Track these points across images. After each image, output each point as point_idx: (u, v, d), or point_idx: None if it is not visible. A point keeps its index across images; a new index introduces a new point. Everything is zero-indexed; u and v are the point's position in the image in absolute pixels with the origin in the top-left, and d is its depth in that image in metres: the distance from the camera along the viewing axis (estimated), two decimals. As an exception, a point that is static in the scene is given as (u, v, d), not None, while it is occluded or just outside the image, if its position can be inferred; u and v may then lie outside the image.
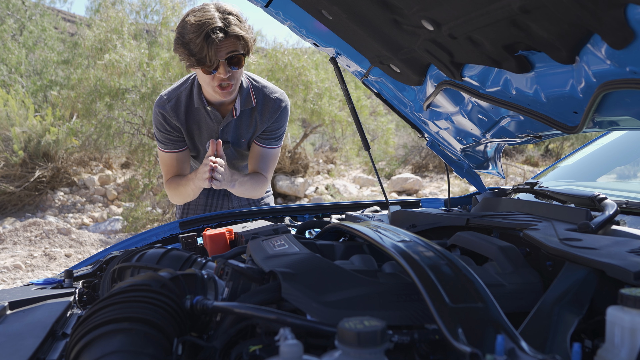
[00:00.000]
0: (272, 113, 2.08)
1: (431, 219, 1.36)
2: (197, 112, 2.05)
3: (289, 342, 0.58)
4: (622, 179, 2.15)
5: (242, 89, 2.03)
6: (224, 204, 2.33)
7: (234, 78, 1.88)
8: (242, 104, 2.04)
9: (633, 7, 0.76)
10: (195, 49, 1.78)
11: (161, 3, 9.27)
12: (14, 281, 4.73)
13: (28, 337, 0.85)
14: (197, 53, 1.78)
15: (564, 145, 12.40)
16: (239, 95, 2.03)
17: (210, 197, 2.33)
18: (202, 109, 2.04)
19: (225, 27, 1.77)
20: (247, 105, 2.05)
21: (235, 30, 1.79)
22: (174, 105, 2.04)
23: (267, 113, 2.08)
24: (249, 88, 2.05)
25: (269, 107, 2.07)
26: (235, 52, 1.82)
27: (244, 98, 2.04)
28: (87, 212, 8.16)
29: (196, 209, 2.32)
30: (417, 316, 0.78)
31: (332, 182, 9.79)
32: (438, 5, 1.04)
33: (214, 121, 2.06)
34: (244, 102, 2.04)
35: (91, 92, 7.80)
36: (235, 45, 1.81)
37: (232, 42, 1.80)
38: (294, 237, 1.16)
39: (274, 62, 8.49)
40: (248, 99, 2.05)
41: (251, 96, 2.05)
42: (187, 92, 2.05)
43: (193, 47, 1.78)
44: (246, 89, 2.05)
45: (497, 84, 1.23)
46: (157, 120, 2.07)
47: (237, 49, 1.82)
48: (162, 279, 0.82)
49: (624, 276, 0.77)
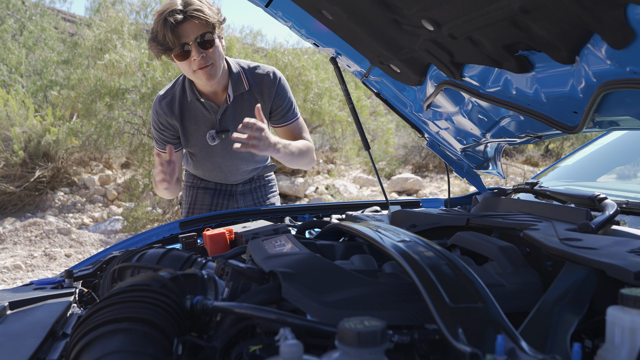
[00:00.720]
0: (269, 89, 2.08)
1: (431, 219, 1.36)
2: (192, 105, 2.07)
3: (289, 342, 0.58)
4: (622, 179, 2.15)
5: (232, 74, 2.04)
6: (229, 204, 2.34)
7: (210, 58, 1.89)
8: (234, 89, 2.04)
9: (633, 7, 0.76)
10: (162, 39, 1.82)
11: (161, 2, 9.27)
12: (14, 281, 4.73)
13: (28, 337, 0.85)
14: (161, 41, 1.82)
15: (564, 145, 12.40)
16: (230, 81, 2.04)
17: (216, 197, 2.34)
18: (196, 102, 2.05)
19: (184, 7, 1.80)
20: (239, 90, 2.05)
21: (195, 9, 1.80)
22: (168, 101, 2.07)
23: (266, 90, 2.08)
24: (239, 73, 2.06)
25: (266, 85, 2.08)
26: (204, 32, 1.83)
27: (235, 82, 2.05)
28: (87, 212, 8.16)
29: (201, 208, 2.33)
30: (417, 316, 0.78)
31: (332, 182, 9.78)
32: (438, 6, 1.04)
33: (211, 112, 2.07)
34: (236, 86, 2.05)
35: (91, 92, 7.79)
36: (202, 27, 1.83)
37: (197, 24, 1.82)
38: (294, 237, 1.16)
39: (274, 62, 8.50)
40: (239, 83, 2.05)
41: (242, 80, 2.06)
42: (180, 88, 2.08)
43: (160, 37, 1.82)
44: (237, 74, 2.05)
45: (497, 84, 1.23)
46: (152, 118, 2.12)
47: (203, 29, 1.83)
48: (162, 279, 0.82)
49: (624, 276, 0.77)
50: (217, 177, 2.28)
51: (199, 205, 2.34)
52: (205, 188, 2.35)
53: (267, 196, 2.42)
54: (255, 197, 2.38)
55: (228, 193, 2.34)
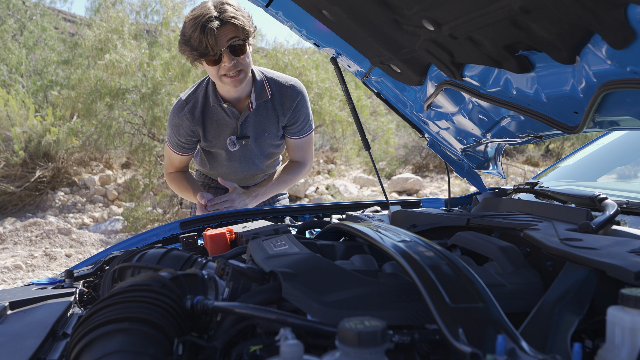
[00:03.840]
0: (291, 101, 2.10)
1: (432, 219, 1.36)
2: (214, 111, 2.08)
3: (289, 342, 0.58)
4: (623, 179, 2.14)
5: (255, 82, 2.06)
6: None
7: (240, 64, 1.90)
8: (257, 97, 2.06)
9: (633, 7, 0.76)
10: (196, 43, 1.82)
11: (161, 3, 9.28)
12: (14, 281, 4.73)
13: (28, 337, 0.85)
14: (197, 46, 1.82)
15: (564, 145, 12.39)
16: (254, 88, 2.05)
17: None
18: (218, 107, 2.06)
19: (219, 14, 1.81)
20: (262, 98, 2.07)
21: (231, 16, 1.82)
22: (191, 107, 2.08)
23: (287, 102, 2.10)
24: (262, 81, 2.08)
25: (287, 96, 2.10)
26: (236, 38, 1.84)
27: (259, 90, 2.06)
28: (87, 212, 8.16)
29: None
30: (418, 316, 0.78)
31: (332, 182, 9.78)
32: (438, 6, 1.04)
33: (232, 117, 2.08)
34: (259, 94, 2.07)
35: (91, 92, 7.80)
36: (234, 32, 1.84)
37: (230, 29, 1.83)
38: (294, 237, 1.16)
39: (274, 62, 8.50)
40: (263, 91, 2.07)
41: (266, 88, 2.07)
42: (203, 93, 2.08)
43: (193, 42, 1.82)
44: (260, 82, 2.07)
45: (498, 84, 1.23)
46: (173, 122, 2.12)
47: (237, 35, 1.84)
48: (163, 279, 0.82)
49: (625, 276, 0.77)
50: (232, 179, 2.31)
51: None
52: (217, 187, 2.39)
53: (276, 198, 2.45)
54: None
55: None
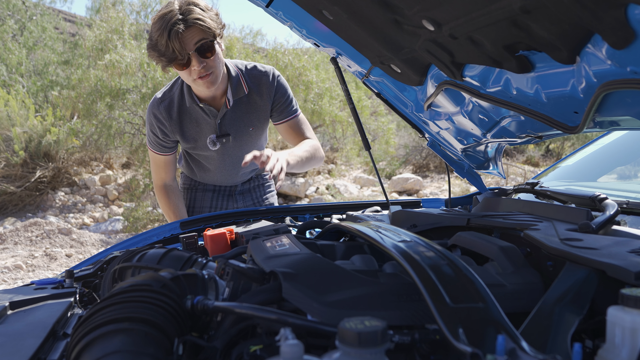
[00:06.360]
0: (268, 89, 2.05)
1: (432, 219, 1.36)
2: (192, 110, 2.04)
3: (289, 342, 0.58)
4: (623, 179, 2.14)
5: (231, 78, 2.01)
6: (229, 206, 2.33)
7: (211, 67, 1.85)
8: (234, 94, 2.02)
9: (634, 7, 0.76)
10: (163, 48, 1.75)
11: (161, 3, 9.28)
12: (14, 281, 4.73)
13: (29, 337, 0.85)
14: (165, 51, 1.76)
15: (564, 146, 12.39)
16: (230, 85, 2.01)
17: (215, 198, 2.32)
18: (195, 107, 2.02)
19: (185, 16, 1.74)
20: (239, 94, 2.03)
21: (196, 18, 1.75)
22: (167, 105, 2.03)
23: (265, 90, 2.05)
24: (238, 76, 2.03)
25: (264, 85, 2.05)
26: (203, 40, 1.78)
27: (235, 87, 2.02)
28: (87, 212, 8.16)
29: (201, 210, 2.32)
30: (418, 316, 0.78)
31: (332, 182, 9.78)
32: (439, 6, 1.04)
33: (210, 116, 2.04)
34: (235, 91, 2.02)
35: (92, 92, 7.80)
36: (201, 34, 1.77)
37: (196, 31, 1.76)
38: (294, 237, 1.16)
39: (274, 62, 8.50)
40: (239, 87, 2.02)
41: (242, 84, 2.03)
42: (178, 92, 2.04)
43: (160, 47, 1.76)
44: (236, 78, 2.02)
45: (498, 84, 1.23)
46: (149, 121, 2.08)
47: (204, 37, 1.78)
48: (163, 279, 0.82)
49: (625, 276, 0.77)
50: (217, 179, 2.27)
51: (198, 207, 2.33)
52: (204, 190, 2.33)
53: (265, 196, 2.41)
54: (255, 196, 2.37)
55: (227, 193, 2.33)
